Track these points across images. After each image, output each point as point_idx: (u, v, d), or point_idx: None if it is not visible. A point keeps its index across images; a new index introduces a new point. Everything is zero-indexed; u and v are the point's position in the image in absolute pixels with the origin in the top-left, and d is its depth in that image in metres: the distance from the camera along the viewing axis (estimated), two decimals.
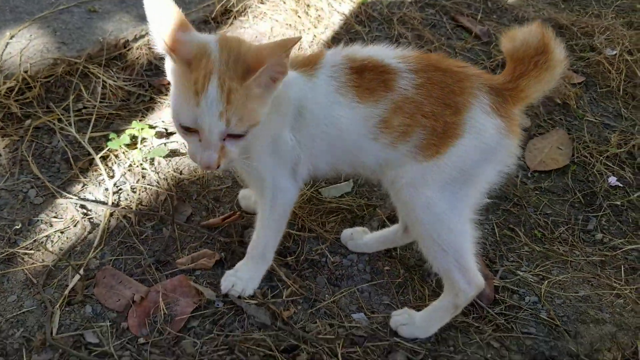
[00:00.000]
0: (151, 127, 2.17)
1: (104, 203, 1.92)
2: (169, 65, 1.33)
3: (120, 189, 1.99)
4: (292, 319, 1.71)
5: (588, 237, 2.11)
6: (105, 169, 2.03)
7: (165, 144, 2.14)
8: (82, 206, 1.91)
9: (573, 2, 3.51)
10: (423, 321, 1.69)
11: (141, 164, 2.05)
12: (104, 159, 2.07)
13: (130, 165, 2.05)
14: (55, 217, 1.87)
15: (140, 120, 2.19)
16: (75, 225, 1.85)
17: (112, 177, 2.01)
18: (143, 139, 2.12)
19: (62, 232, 1.83)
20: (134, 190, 1.99)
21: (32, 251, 1.76)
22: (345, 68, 1.44)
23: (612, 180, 2.31)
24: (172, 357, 1.56)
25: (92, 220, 1.88)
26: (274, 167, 1.52)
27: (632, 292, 1.91)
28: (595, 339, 1.75)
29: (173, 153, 2.13)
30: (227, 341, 1.61)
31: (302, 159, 1.54)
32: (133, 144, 2.11)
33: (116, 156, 2.08)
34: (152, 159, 2.08)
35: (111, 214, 1.89)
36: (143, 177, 2.03)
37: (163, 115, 2.28)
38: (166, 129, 2.21)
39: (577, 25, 3.16)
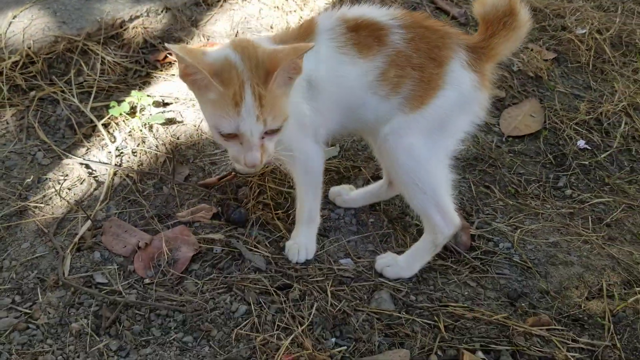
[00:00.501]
0: (149, 96, 2.30)
1: (107, 164, 2.06)
2: (198, 84, 1.41)
3: (122, 152, 2.13)
4: (285, 264, 1.86)
5: (558, 193, 2.28)
6: (107, 135, 2.17)
7: (163, 112, 2.28)
8: (88, 166, 2.05)
9: None
10: (406, 261, 1.84)
11: (141, 130, 2.19)
12: (105, 126, 2.21)
13: (130, 132, 2.19)
14: (62, 175, 2.00)
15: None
16: (81, 183, 1.99)
17: (114, 141, 2.15)
18: (142, 108, 2.26)
19: (69, 189, 1.96)
20: (135, 153, 2.13)
21: (42, 205, 1.90)
22: (341, 28, 1.56)
23: (581, 143, 2.48)
24: (175, 294, 1.70)
25: (97, 178, 2.01)
26: (300, 138, 1.65)
27: (599, 239, 2.07)
28: (563, 279, 1.91)
29: (170, 121, 2.28)
30: (225, 281, 1.75)
31: (320, 124, 1.68)
32: (132, 112, 2.25)
33: (117, 124, 2.22)
34: (151, 126, 2.22)
35: (115, 173, 2.03)
36: (143, 142, 2.17)
37: (159, 88, 2.43)
38: (163, 100, 2.35)
39: (550, 8, 3.35)
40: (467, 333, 1.67)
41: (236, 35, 2.79)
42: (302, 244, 1.86)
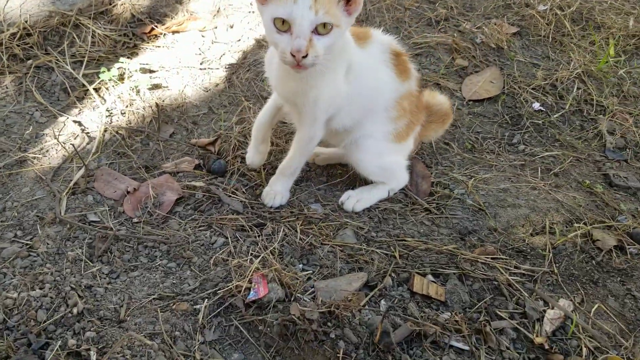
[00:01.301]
0: (137, 63, 2.51)
1: (98, 121, 2.27)
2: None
3: (111, 113, 2.33)
4: (260, 208, 2.06)
5: (512, 149, 2.49)
6: (98, 97, 2.37)
7: (149, 77, 2.49)
8: (81, 123, 2.25)
9: None
10: (364, 194, 2.11)
11: (129, 93, 2.39)
12: (96, 90, 2.41)
13: (119, 95, 2.40)
14: (57, 131, 2.21)
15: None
16: (75, 138, 2.19)
17: (104, 103, 2.36)
18: (130, 75, 2.47)
19: (64, 143, 2.17)
20: (124, 113, 2.33)
21: (40, 156, 2.10)
22: (389, 49, 1.98)
23: (536, 105, 2.70)
24: (161, 230, 1.91)
25: (89, 134, 2.22)
26: (322, 112, 1.88)
27: (546, 186, 2.29)
28: (511, 219, 2.13)
29: (156, 86, 2.48)
30: (206, 220, 1.96)
31: (342, 110, 1.93)
32: (121, 78, 2.46)
33: (107, 88, 2.43)
34: (138, 90, 2.43)
35: (105, 130, 2.23)
36: (131, 104, 2.37)
37: (146, 57, 2.63)
38: (149, 67, 2.55)
39: None
40: (419, 260, 1.89)
41: (218, 12, 3.00)
42: (278, 191, 2.07)
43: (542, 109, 2.70)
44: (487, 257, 1.93)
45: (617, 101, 2.81)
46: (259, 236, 1.91)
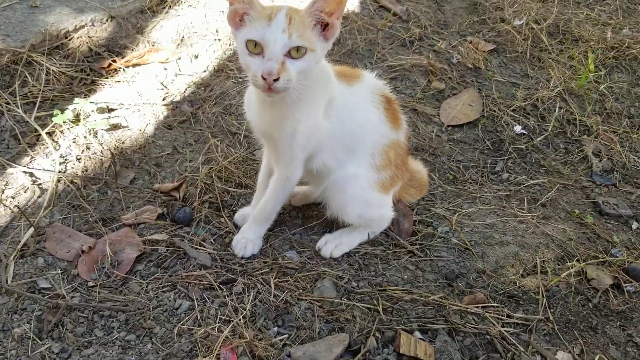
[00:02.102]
0: (93, 103, 2.33)
1: (51, 171, 2.08)
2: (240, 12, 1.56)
3: (66, 159, 2.15)
4: (231, 259, 1.90)
5: (496, 177, 2.37)
6: (52, 143, 2.19)
7: (107, 118, 2.31)
8: (31, 174, 2.07)
9: None
10: (342, 238, 1.97)
11: (85, 137, 2.21)
12: (49, 134, 2.23)
13: (74, 139, 2.22)
14: (5, 185, 2.02)
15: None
16: (25, 191, 2.01)
17: (58, 149, 2.18)
18: (86, 115, 2.29)
19: (13, 197, 1.98)
20: (79, 159, 2.15)
21: None
22: (380, 93, 1.89)
23: (518, 128, 2.58)
24: (119, 295, 1.73)
25: (41, 186, 2.04)
26: (300, 149, 1.76)
27: (534, 218, 2.16)
28: (499, 258, 2.00)
29: (115, 127, 2.31)
30: (170, 279, 1.79)
31: (323, 149, 1.81)
32: (77, 120, 2.28)
33: (61, 132, 2.25)
34: (96, 132, 2.25)
35: (59, 180, 2.05)
36: (88, 148, 2.20)
37: (105, 95, 2.46)
38: (107, 106, 2.38)
39: (489, 1, 3.45)
40: (404, 314, 1.74)
41: (182, 41, 2.83)
42: (250, 239, 1.91)
43: (524, 132, 2.59)
44: (478, 307, 1.79)
45: (601, 120, 2.70)
46: (228, 295, 1.74)
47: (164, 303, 1.70)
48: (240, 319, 1.63)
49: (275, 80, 1.50)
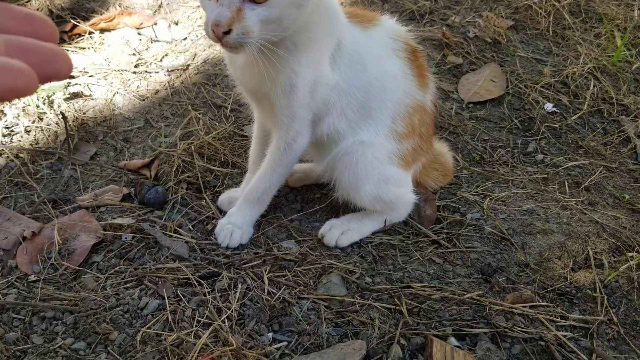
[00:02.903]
0: None
1: None
2: None
3: (12, 131, 1.76)
4: (213, 250, 1.52)
5: (528, 159, 2.01)
6: None
7: (67, 85, 1.92)
8: None
9: None
10: (352, 224, 1.59)
11: (37, 106, 1.82)
12: None
13: (24, 107, 1.82)
14: None
15: None
16: None
17: (3, 118, 1.78)
18: None
19: None
20: (29, 130, 1.76)
21: None
22: (403, 40, 1.51)
23: (549, 106, 2.23)
24: (69, 292, 1.34)
25: None
26: (303, 106, 1.39)
27: (578, 204, 1.80)
28: (544, 249, 1.63)
29: (75, 95, 1.92)
30: (135, 273, 1.40)
31: (332, 108, 1.44)
32: None
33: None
34: (52, 101, 1.86)
35: (0, 153, 1.65)
36: (40, 119, 1.81)
37: None
38: None
39: None
40: (435, 316, 1.36)
41: (160, 7, 2.46)
42: (237, 224, 1.52)
43: (556, 110, 2.23)
44: (525, 307, 1.41)
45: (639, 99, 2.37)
46: (210, 292, 1.35)
47: (126, 302, 1.31)
48: (224, 322, 1.24)
49: (227, 32, 1.13)
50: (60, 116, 1.72)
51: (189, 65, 2.15)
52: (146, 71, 2.09)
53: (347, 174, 1.50)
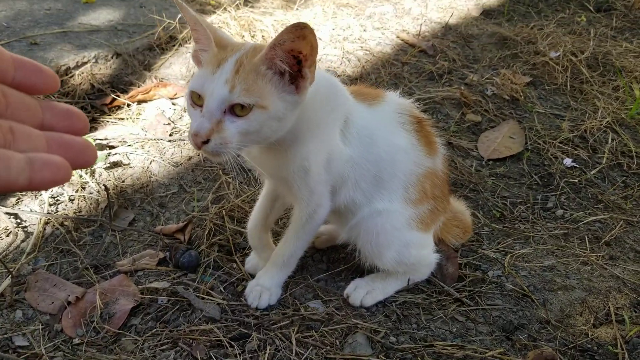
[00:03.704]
0: (91, 139, 2.10)
1: (39, 212, 1.82)
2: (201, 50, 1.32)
3: (57, 200, 1.89)
4: (243, 311, 1.60)
5: (548, 215, 2.05)
6: None
7: (107, 155, 2.07)
8: (16, 216, 1.80)
9: (515, 20, 3.63)
10: (376, 284, 1.66)
11: (80, 175, 1.96)
12: None
13: None
14: None
15: None
16: (7, 235, 1.74)
17: (49, 189, 1.92)
18: None
19: None
20: (72, 200, 1.90)
21: None
22: (408, 113, 1.59)
23: (568, 161, 2.28)
24: (110, 355, 1.42)
25: (26, 229, 1.77)
26: (322, 185, 1.49)
27: (599, 259, 1.84)
28: (565, 305, 1.66)
29: (115, 165, 2.06)
30: (170, 335, 1.48)
31: (348, 180, 1.52)
32: None
33: None
34: (93, 171, 2.00)
35: (46, 222, 1.78)
36: (83, 187, 1.94)
37: (106, 132, 2.23)
38: (108, 142, 2.14)
39: (520, 35, 3.25)
40: None
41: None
42: (266, 286, 1.61)
43: (575, 165, 2.29)
44: None
45: None
46: (240, 354, 1.43)
47: None
48: None
49: (205, 142, 1.20)
50: (103, 187, 1.85)
51: None
52: (180, 139, 2.23)
53: (368, 244, 1.58)
